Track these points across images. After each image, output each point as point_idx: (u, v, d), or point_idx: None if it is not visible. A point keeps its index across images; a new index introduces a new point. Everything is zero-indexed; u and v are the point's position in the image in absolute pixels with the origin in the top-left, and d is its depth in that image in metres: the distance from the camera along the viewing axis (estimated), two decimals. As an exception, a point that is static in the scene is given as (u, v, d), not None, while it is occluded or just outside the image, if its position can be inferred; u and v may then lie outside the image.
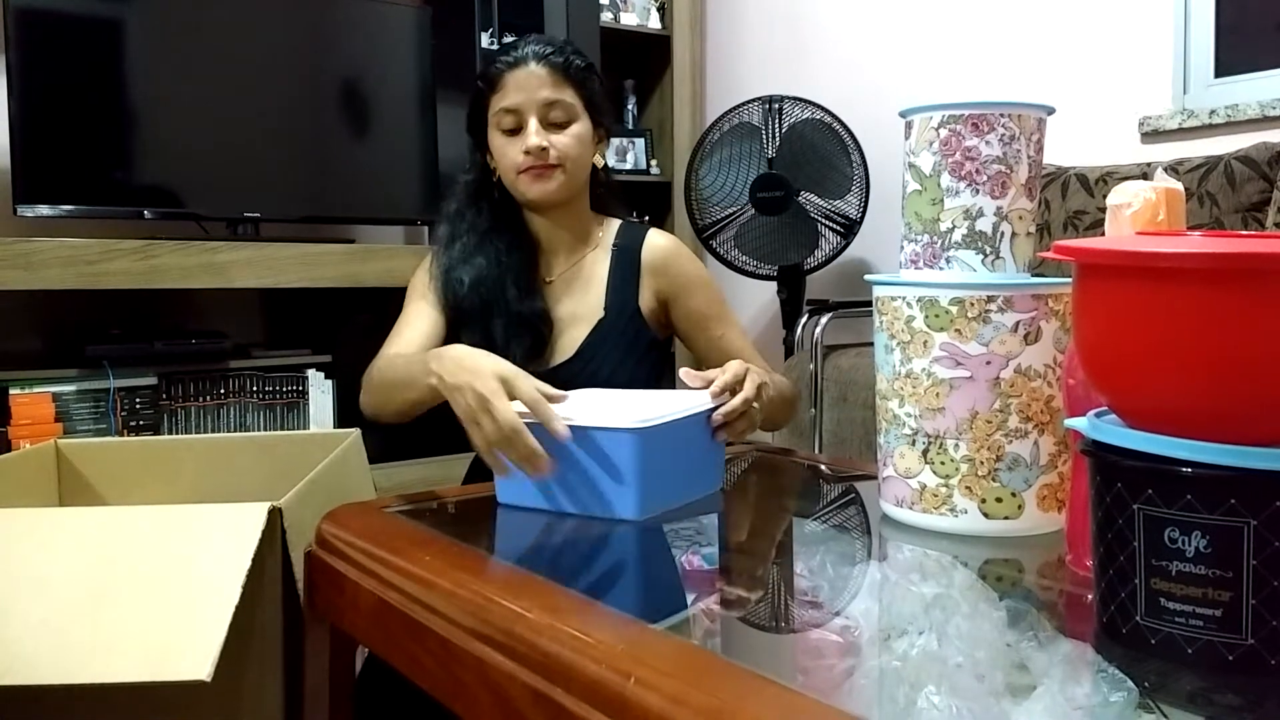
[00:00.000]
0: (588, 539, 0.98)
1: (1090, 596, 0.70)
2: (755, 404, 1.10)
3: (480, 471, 1.40)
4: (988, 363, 0.90)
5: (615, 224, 1.45)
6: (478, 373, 1.02)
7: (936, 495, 0.92)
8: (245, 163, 2.65)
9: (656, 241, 1.42)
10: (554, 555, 0.97)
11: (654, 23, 3.59)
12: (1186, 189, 0.99)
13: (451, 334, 1.38)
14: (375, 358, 1.33)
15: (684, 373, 1.13)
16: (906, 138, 0.97)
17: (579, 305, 1.40)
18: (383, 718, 1.14)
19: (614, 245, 1.42)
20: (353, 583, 0.91)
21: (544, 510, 1.02)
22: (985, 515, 0.91)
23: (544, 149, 1.32)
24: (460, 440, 1.34)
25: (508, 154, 1.34)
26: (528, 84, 1.33)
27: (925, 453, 0.93)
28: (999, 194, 0.93)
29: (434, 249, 1.45)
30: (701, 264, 1.48)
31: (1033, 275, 0.95)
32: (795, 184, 2.95)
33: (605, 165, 1.45)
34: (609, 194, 1.48)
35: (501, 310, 1.35)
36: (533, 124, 1.32)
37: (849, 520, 1.07)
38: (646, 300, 1.40)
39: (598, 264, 1.41)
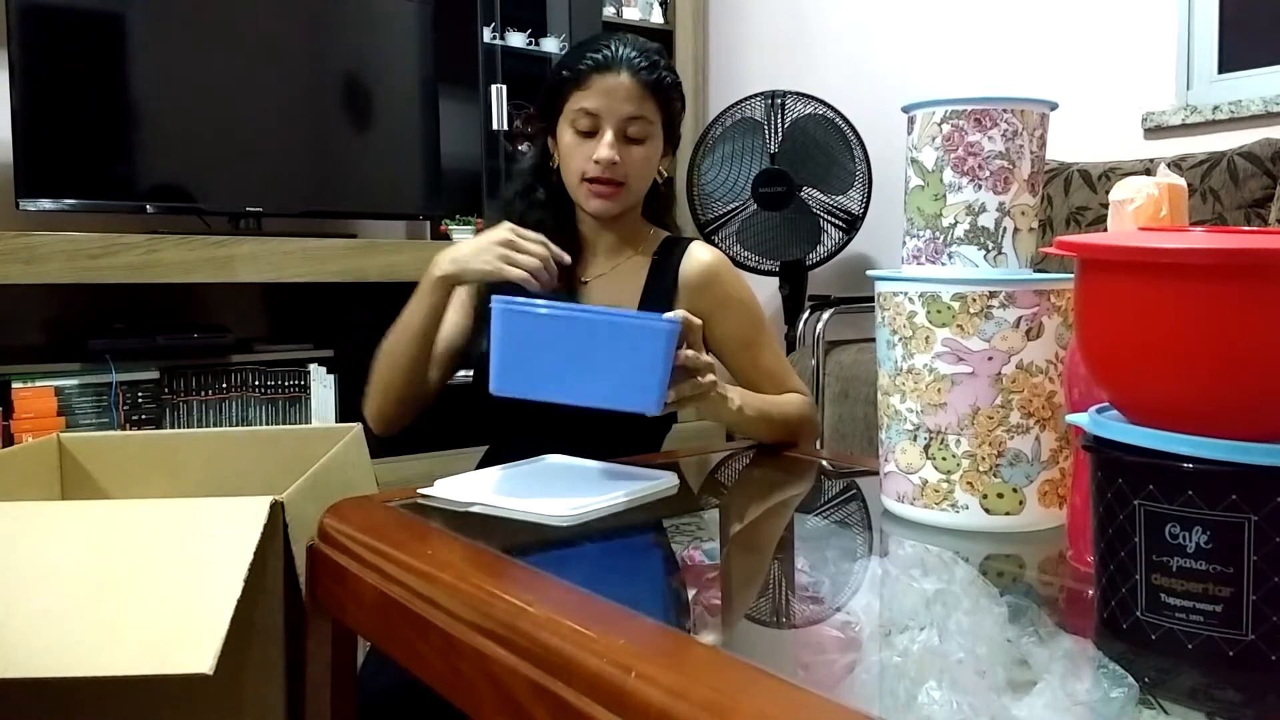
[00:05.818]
0: (589, 534, 0.98)
1: (1091, 592, 0.70)
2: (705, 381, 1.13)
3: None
4: (989, 358, 0.90)
5: (662, 234, 1.43)
6: (483, 239, 1.23)
7: (938, 491, 0.92)
8: (248, 157, 2.65)
9: (699, 256, 1.38)
10: (555, 550, 0.97)
11: (656, 17, 3.58)
12: (1189, 185, 0.99)
13: (475, 332, 1.38)
14: None
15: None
16: (909, 133, 0.97)
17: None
18: (385, 711, 1.14)
19: (655, 255, 1.39)
20: (355, 576, 0.91)
21: (544, 402, 1.05)
22: (986, 511, 0.91)
23: (615, 163, 1.30)
24: (464, 435, 1.34)
25: (575, 156, 1.32)
26: (614, 92, 1.30)
27: (927, 448, 0.93)
28: (1001, 189, 0.93)
29: None
30: (745, 283, 1.43)
31: (1035, 271, 0.95)
32: (797, 179, 2.95)
33: (668, 178, 1.43)
34: (663, 204, 1.45)
35: None
36: (608, 135, 1.30)
37: (850, 515, 1.07)
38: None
39: (636, 271, 1.38)
